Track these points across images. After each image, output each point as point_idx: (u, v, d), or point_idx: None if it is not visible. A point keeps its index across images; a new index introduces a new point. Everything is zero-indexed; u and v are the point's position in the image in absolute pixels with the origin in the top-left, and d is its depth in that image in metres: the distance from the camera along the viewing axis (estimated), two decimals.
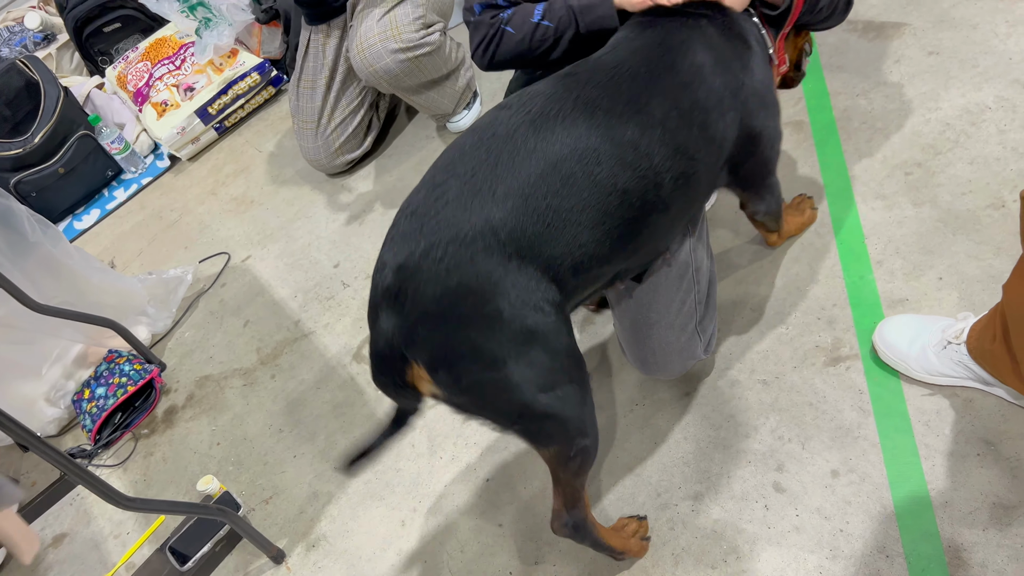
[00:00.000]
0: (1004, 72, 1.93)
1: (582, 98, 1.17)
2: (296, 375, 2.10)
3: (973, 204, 1.72)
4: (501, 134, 1.14)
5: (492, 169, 1.10)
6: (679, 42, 1.27)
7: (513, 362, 1.08)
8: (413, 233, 1.08)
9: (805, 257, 1.79)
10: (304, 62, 2.51)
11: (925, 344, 1.49)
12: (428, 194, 1.11)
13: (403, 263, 1.06)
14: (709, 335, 1.53)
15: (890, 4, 2.24)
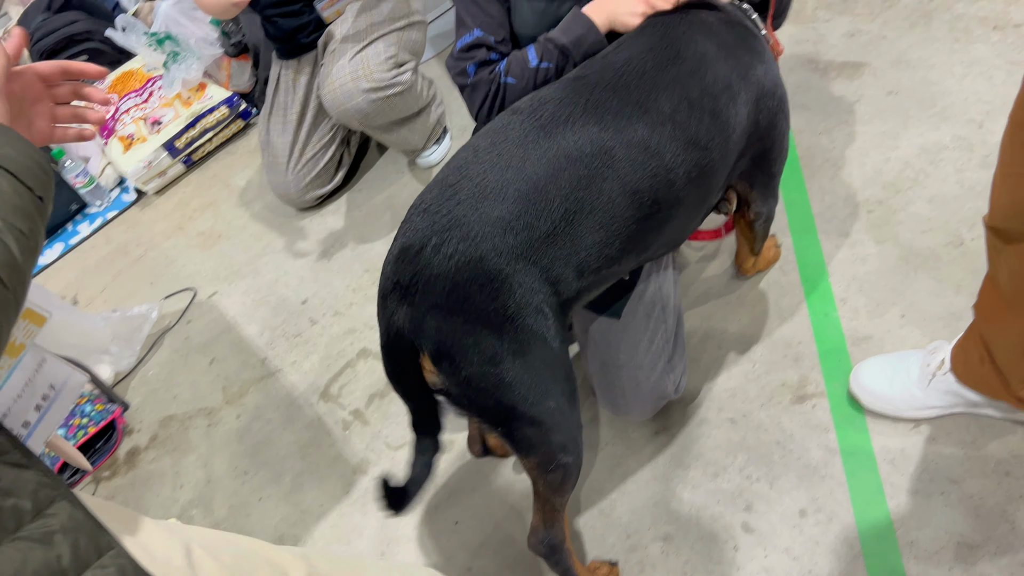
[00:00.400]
0: (960, 112, 1.97)
1: (592, 102, 1.19)
2: (262, 415, 2.07)
3: (933, 242, 1.75)
4: (513, 138, 1.17)
5: (503, 172, 1.13)
6: (681, 33, 1.29)
7: (510, 361, 1.11)
8: (425, 229, 1.12)
9: (771, 294, 1.80)
10: (275, 97, 2.50)
11: (906, 381, 1.49)
12: (440, 193, 1.15)
13: (415, 257, 1.10)
14: (679, 374, 1.53)
15: (850, 44, 2.29)
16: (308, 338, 2.22)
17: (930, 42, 2.19)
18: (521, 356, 1.11)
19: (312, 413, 2.02)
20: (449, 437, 1.78)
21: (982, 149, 1.88)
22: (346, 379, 2.06)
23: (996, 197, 1.18)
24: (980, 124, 1.92)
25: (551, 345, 1.14)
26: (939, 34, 2.20)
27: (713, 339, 1.77)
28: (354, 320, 2.20)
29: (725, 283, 1.86)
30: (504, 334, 1.10)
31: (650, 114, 1.20)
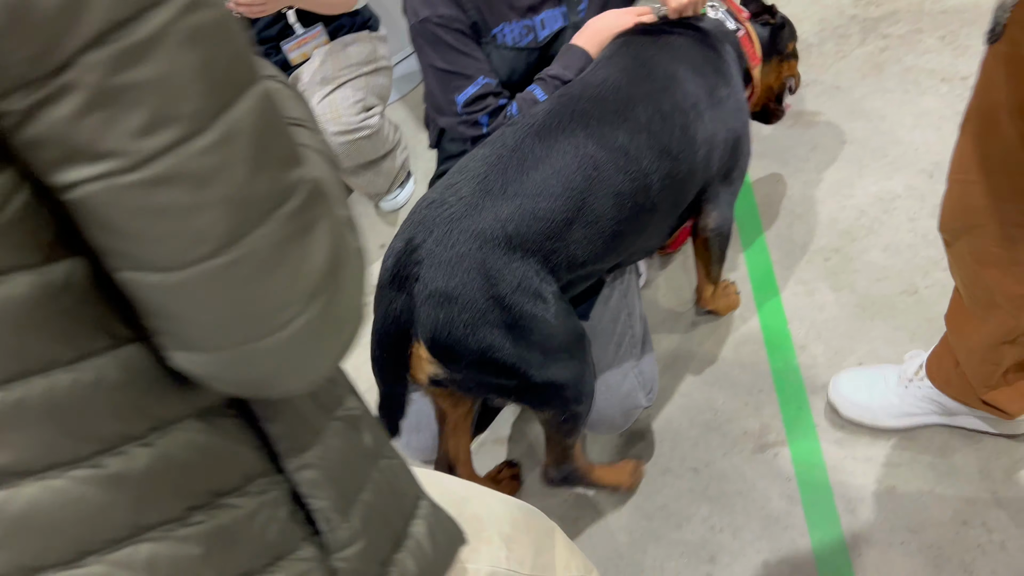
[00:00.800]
0: (912, 162, 2.03)
1: (577, 111, 1.32)
2: None
3: (888, 290, 1.78)
4: (510, 144, 1.28)
5: (502, 173, 1.24)
6: (651, 55, 1.44)
7: (510, 344, 1.18)
8: (427, 222, 1.20)
9: (731, 342, 1.82)
10: None
11: (884, 390, 1.53)
12: (443, 191, 1.24)
13: (416, 248, 1.18)
14: (650, 381, 1.54)
15: (805, 93, 2.35)
16: None
17: (882, 93, 2.25)
18: (521, 337, 1.19)
19: None
20: None
21: (933, 199, 1.92)
22: None
23: (944, 203, 1.23)
24: (931, 174, 1.98)
25: (554, 323, 1.22)
26: (890, 85, 2.27)
27: (675, 387, 1.78)
28: None
29: (685, 332, 1.88)
30: (504, 320, 1.17)
31: (628, 122, 1.32)
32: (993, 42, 0.99)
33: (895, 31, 2.43)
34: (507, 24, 1.55)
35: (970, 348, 1.35)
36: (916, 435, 1.53)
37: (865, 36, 2.46)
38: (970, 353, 1.36)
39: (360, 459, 0.62)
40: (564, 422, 1.33)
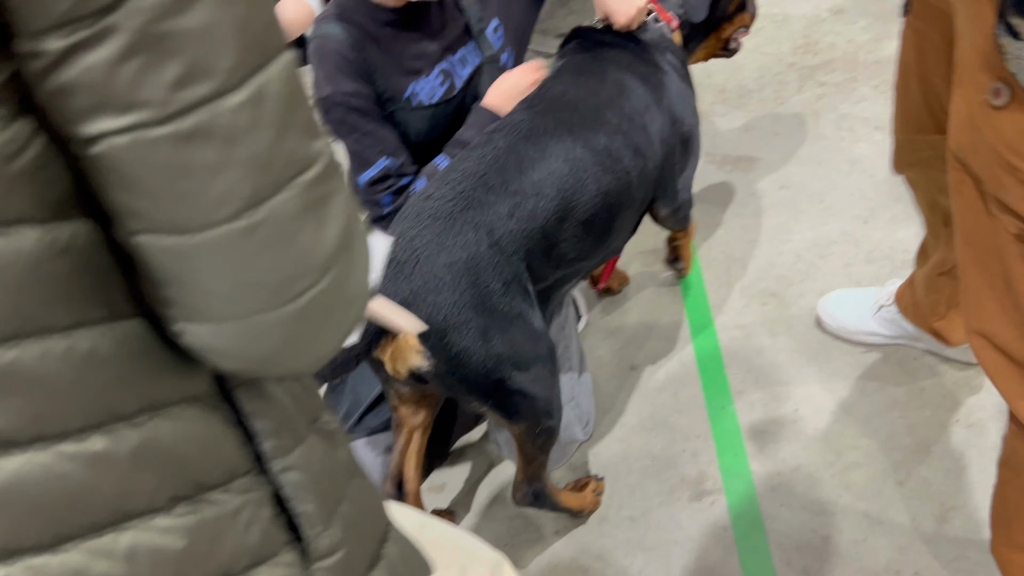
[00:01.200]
0: (847, 208, 2.06)
1: (559, 119, 1.38)
2: None
3: (823, 336, 1.79)
4: (503, 147, 1.33)
5: (501, 171, 1.29)
6: (597, 66, 1.51)
7: (499, 337, 1.22)
8: (426, 213, 1.24)
9: (670, 387, 1.81)
10: None
11: (862, 311, 1.72)
12: (441, 186, 1.28)
13: (415, 236, 1.22)
14: (586, 415, 1.58)
15: (744, 138, 2.39)
16: None
17: (818, 139, 2.29)
18: (508, 333, 1.22)
19: None
20: None
21: (867, 245, 1.95)
22: None
23: (892, 149, 1.38)
24: (865, 220, 2.01)
25: (534, 324, 1.28)
26: (826, 132, 2.31)
27: (613, 433, 1.75)
28: None
29: (625, 376, 1.86)
30: (493, 312, 1.21)
31: (605, 126, 1.40)
32: (906, 13, 1.13)
33: (831, 79, 2.49)
34: (417, 83, 1.53)
35: (920, 278, 1.54)
36: (851, 482, 1.53)
37: (803, 84, 2.51)
38: (920, 283, 1.55)
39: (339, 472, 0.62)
40: (539, 435, 1.35)
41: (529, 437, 1.36)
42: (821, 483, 1.54)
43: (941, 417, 1.58)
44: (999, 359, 0.94)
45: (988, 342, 0.95)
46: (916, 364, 1.68)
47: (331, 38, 1.45)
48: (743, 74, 2.64)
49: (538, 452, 1.39)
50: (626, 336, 1.94)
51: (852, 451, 1.58)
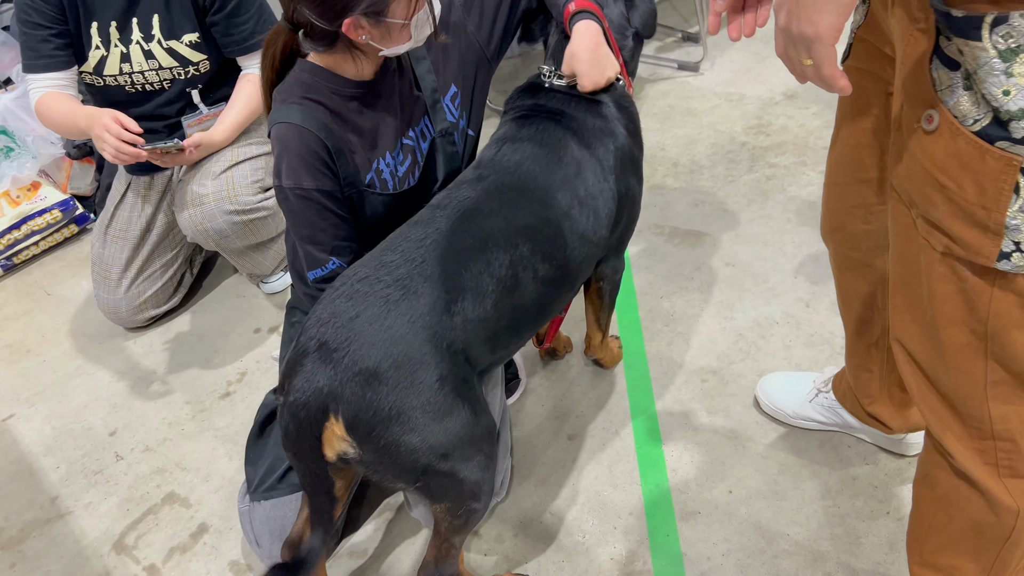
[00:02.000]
0: (790, 290, 2.08)
1: (505, 200, 1.36)
2: (41, 565, 1.81)
3: (760, 418, 1.78)
4: (444, 230, 1.29)
5: (439, 260, 1.25)
6: (557, 140, 1.47)
7: (431, 428, 1.18)
8: (360, 297, 1.21)
9: (606, 459, 1.77)
10: (117, 210, 2.34)
11: (799, 394, 1.72)
12: (377, 268, 1.25)
13: (349, 322, 1.18)
14: (502, 475, 1.55)
15: (694, 214, 2.41)
16: (110, 476, 1.99)
17: (765, 219, 2.32)
18: (441, 423, 1.18)
19: (100, 567, 1.78)
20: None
21: (808, 328, 1.96)
22: (146, 527, 1.84)
23: (823, 207, 1.40)
24: (807, 303, 2.02)
25: (473, 409, 1.23)
26: (774, 213, 2.34)
27: (546, 506, 1.70)
28: (166, 459, 2.00)
29: (561, 447, 1.82)
30: (428, 405, 1.17)
31: (552, 210, 1.38)
32: (843, 61, 1.17)
33: (781, 161, 2.54)
34: (383, 159, 1.47)
35: (847, 358, 1.54)
36: (780, 571, 1.50)
37: (753, 163, 2.56)
38: (848, 363, 1.55)
39: None
40: (458, 517, 1.31)
41: (448, 517, 1.32)
42: (751, 570, 1.51)
43: (872, 508, 1.57)
44: (915, 371, 1.02)
45: (907, 354, 1.03)
46: (851, 451, 1.67)
47: (294, 127, 1.35)
48: (696, 149, 2.68)
49: (454, 533, 1.35)
50: (565, 405, 1.91)
51: (783, 539, 1.55)
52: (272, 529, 1.54)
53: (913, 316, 0.98)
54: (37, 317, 2.60)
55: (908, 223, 0.94)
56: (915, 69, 0.86)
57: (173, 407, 2.15)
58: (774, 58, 3.06)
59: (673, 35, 3.41)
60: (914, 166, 0.89)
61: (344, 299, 1.22)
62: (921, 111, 0.86)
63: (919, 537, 1.12)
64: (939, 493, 1.05)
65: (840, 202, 1.31)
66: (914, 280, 0.97)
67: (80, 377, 2.32)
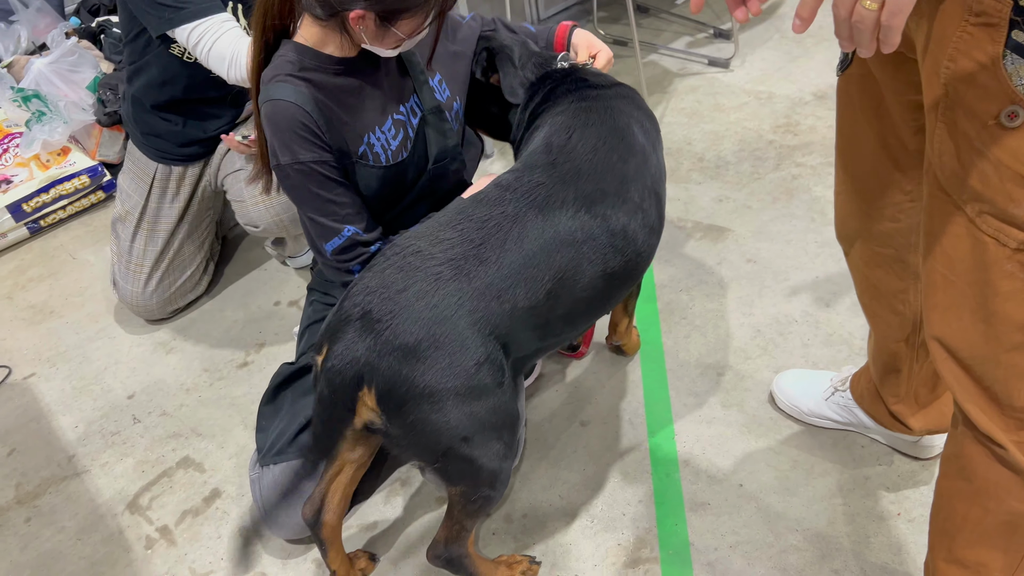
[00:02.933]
0: (811, 288, 2.07)
1: (579, 191, 1.31)
2: (56, 521, 1.84)
3: (775, 414, 1.78)
4: (510, 213, 1.26)
5: (500, 244, 1.22)
6: (624, 125, 1.44)
7: (459, 411, 1.17)
8: (409, 269, 1.19)
9: (618, 447, 1.78)
10: (148, 202, 2.24)
11: (816, 392, 1.71)
12: (432, 242, 1.23)
13: (396, 295, 1.17)
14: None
15: (717, 209, 2.40)
16: (127, 437, 2.02)
17: (789, 218, 2.32)
18: (468, 407, 1.18)
19: (114, 525, 1.81)
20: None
21: (827, 327, 1.96)
22: (160, 490, 1.87)
23: (835, 214, 1.40)
24: (827, 303, 2.02)
25: (500, 401, 1.22)
26: (798, 212, 2.33)
27: (555, 488, 1.71)
28: (182, 424, 2.03)
29: (574, 432, 1.83)
30: (461, 388, 1.16)
31: (627, 204, 1.36)
32: (844, 69, 1.18)
33: (808, 161, 2.52)
34: (373, 134, 1.47)
35: (873, 356, 1.52)
36: (787, 565, 1.50)
37: (780, 162, 2.55)
38: (874, 362, 1.53)
39: None
40: (472, 503, 1.32)
41: (462, 501, 1.32)
42: (758, 563, 1.51)
43: (884, 508, 1.57)
44: (956, 368, 1.01)
45: (947, 351, 1.01)
46: (864, 451, 1.67)
47: (283, 104, 1.36)
48: (723, 145, 2.67)
49: (467, 517, 1.36)
50: (580, 392, 1.91)
51: (792, 533, 1.55)
52: (281, 491, 1.56)
53: (958, 314, 0.98)
54: (61, 280, 2.63)
55: (958, 221, 0.93)
56: (977, 66, 0.85)
57: (191, 374, 2.18)
58: (806, 58, 3.05)
59: (705, 31, 3.39)
60: (985, 164, 0.88)
61: (395, 270, 1.21)
62: (995, 108, 0.84)
63: (948, 532, 1.12)
64: (976, 487, 1.05)
65: (862, 205, 1.31)
66: (963, 278, 0.96)
67: (101, 340, 2.35)
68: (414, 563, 1.62)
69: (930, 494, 1.56)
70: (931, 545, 1.17)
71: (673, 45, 3.34)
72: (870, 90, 1.16)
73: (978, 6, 0.83)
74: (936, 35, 0.90)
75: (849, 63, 1.17)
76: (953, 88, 0.89)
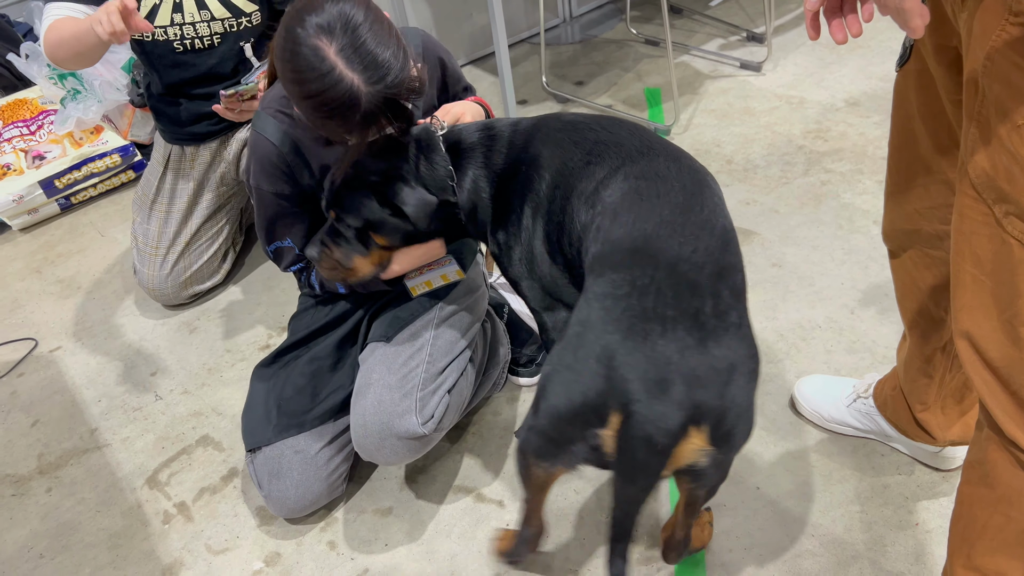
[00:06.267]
0: (836, 295, 2.05)
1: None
2: (76, 492, 1.87)
3: (795, 419, 1.77)
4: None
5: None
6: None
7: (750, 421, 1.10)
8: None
9: None
10: (161, 184, 2.28)
11: (837, 398, 1.71)
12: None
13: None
14: (430, 412, 1.55)
15: (745, 212, 2.39)
16: (148, 414, 2.04)
17: (816, 224, 2.30)
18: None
19: (132, 499, 1.83)
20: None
21: (851, 334, 1.94)
22: (179, 466, 1.89)
23: (884, 215, 1.39)
24: (852, 311, 2.00)
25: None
26: (826, 218, 2.32)
27: (569, 481, 1.71)
28: (203, 403, 2.05)
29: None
30: (752, 403, 1.09)
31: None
32: (903, 65, 1.17)
33: (838, 168, 2.51)
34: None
35: (906, 362, 1.50)
36: (801, 570, 1.49)
37: (809, 167, 2.53)
38: (906, 367, 1.50)
39: None
40: (713, 491, 1.26)
41: (707, 495, 1.26)
42: (772, 567, 1.51)
43: (901, 518, 1.56)
44: (984, 370, 1.00)
45: (976, 353, 1.00)
46: (884, 460, 1.66)
47: (262, 139, 1.48)
48: (752, 149, 2.66)
49: (700, 503, 1.31)
50: None
51: (807, 539, 1.54)
52: (270, 469, 1.63)
53: (987, 314, 0.97)
54: (90, 256, 2.66)
55: (987, 221, 0.93)
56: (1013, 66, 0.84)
57: (214, 354, 2.20)
58: (839, 64, 3.03)
59: (738, 34, 3.38)
60: (1013, 166, 0.87)
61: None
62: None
63: (969, 540, 1.10)
64: (999, 494, 1.04)
65: (915, 205, 1.29)
66: (991, 278, 0.95)
67: (127, 317, 2.38)
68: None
69: (950, 506, 1.54)
70: (950, 551, 1.15)
71: (705, 47, 3.32)
72: (927, 86, 1.14)
73: (1018, 6, 0.82)
74: (976, 33, 0.90)
75: (907, 58, 1.15)
76: (988, 87, 0.88)
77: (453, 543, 1.63)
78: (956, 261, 1.01)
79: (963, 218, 0.98)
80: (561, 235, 1.30)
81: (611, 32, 3.61)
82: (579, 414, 1.06)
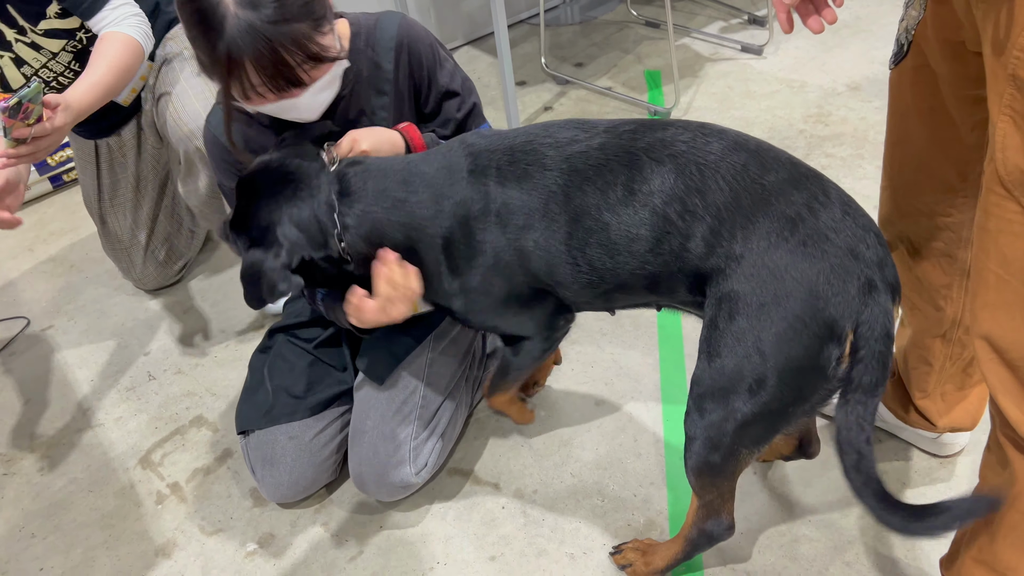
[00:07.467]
0: None
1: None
2: (68, 472, 1.85)
3: None
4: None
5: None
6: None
7: None
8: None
9: (631, 428, 1.76)
10: (99, 179, 2.16)
11: None
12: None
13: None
14: (423, 461, 1.59)
15: None
16: (142, 394, 2.03)
17: None
18: None
19: (125, 479, 1.81)
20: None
21: None
22: (172, 447, 1.87)
23: (880, 208, 1.39)
24: None
25: None
26: None
27: (567, 466, 1.70)
28: (197, 383, 2.03)
29: (588, 409, 1.82)
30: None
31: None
32: (898, 63, 1.17)
33: (838, 152, 2.49)
34: None
35: (906, 349, 1.50)
36: (798, 555, 1.49)
37: (810, 151, 2.51)
38: (906, 355, 1.50)
39: None
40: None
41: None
42: (768, 550, 1.50)
43: None
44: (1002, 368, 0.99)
45: (995, 352, 0.99)
46: (882, 446, 1.65)
47: (209, 133, 1.49)
48: (752, 132, 2.61)
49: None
50: (595, 371, 1.90)
51: (805, 523, 1.54)
52: (264, 456, 1.62)
53: (1010, 313, 0.96)
54: (82, 235, 2.64)
55: (1017, 219, 0.91)
56: None
57: (208, 334, 2.18)
58: (841, 48, 3.01)
59: (739, 16, 3.35)
60: None
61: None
62: None
63: (982, 534, 1.10)
64: (1015, 491, 1.03)
65: (911, 200, 1.28)
66: (1017, 277, 0.94)
67: (119, 296, 2.36)
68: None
69: (948, 492, 1.54)
70: (962, 541, 1.15)
71: (706, 29, 3.29)
72: (925, 83, 1.13)
73: None
74: (1008, 25, 0.87)
75: (904, 55, 1.14)
76: (1022, 81, 0.86)
77: (448, 526, 1.62)
78: (980, 259, 0.99)
79: (989, 216, 0.96)
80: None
81: (611, 13, 3.58)
82: (815, 352, 1.05)
